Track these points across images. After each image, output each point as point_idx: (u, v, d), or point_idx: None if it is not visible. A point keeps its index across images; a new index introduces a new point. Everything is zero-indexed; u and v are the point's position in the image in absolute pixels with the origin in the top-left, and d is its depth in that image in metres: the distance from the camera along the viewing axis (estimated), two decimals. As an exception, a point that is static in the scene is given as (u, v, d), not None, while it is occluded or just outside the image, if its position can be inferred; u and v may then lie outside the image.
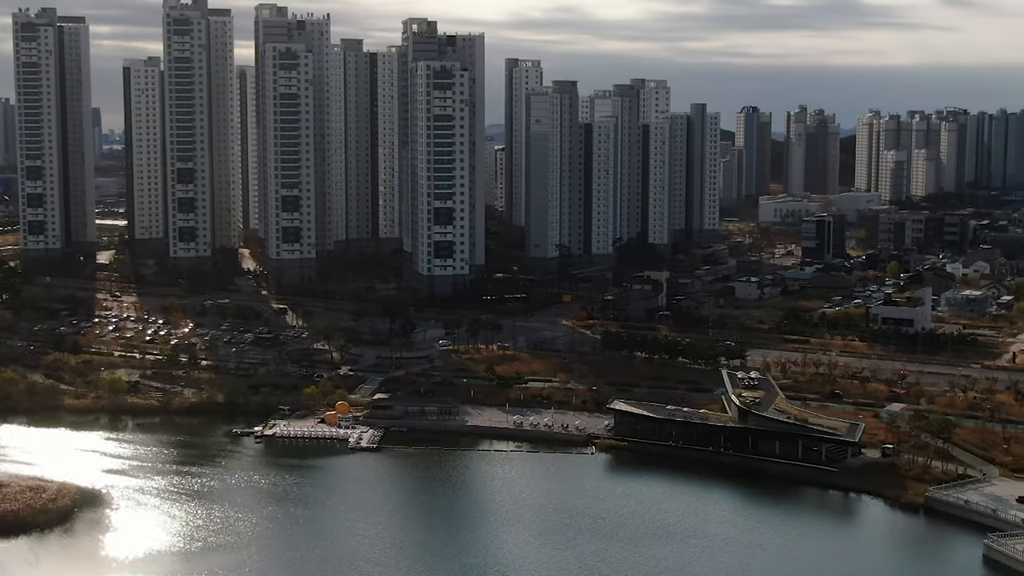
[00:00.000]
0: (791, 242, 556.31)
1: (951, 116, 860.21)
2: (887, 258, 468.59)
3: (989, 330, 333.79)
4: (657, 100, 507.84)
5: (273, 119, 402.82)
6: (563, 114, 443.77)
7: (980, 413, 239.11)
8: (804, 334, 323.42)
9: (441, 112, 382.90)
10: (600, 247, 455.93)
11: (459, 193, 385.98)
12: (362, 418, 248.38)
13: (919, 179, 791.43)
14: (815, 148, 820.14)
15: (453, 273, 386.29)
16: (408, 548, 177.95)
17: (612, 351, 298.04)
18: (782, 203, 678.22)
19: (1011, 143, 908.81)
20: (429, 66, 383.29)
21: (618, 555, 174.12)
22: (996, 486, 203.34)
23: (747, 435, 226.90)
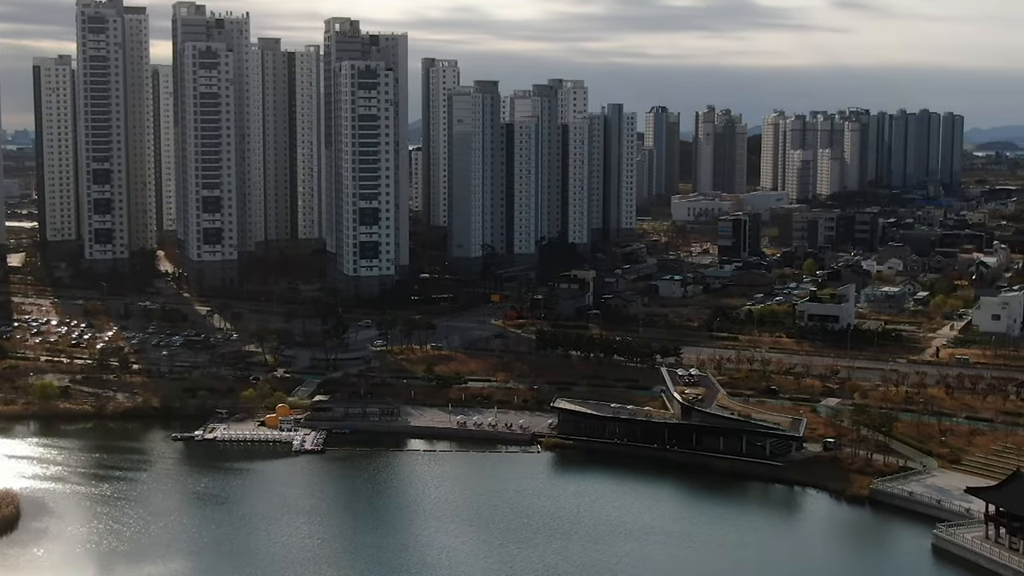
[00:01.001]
0: (706, 240, 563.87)
1: (853, 116, 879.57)
2: (803, 256, 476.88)
3: (909, 325, 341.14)
4: (575, 100, 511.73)
5: (193, 119, 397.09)
6: (485, 114, 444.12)
7: (914, 407, 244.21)
8: (732, 331, 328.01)
9: (366, 112, 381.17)
10: (522, 246, 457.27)
11: (385, 193, 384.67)
12: (303, 420, 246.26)
13: (824, 178, 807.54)
14: (723, 148, 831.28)
15: (380, 274, 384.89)
16: (367, 550, 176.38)
17: (547, 350, 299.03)
18: (695, 202, 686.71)
19: (910, 143, 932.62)
20: (354, 66, 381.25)
21: (580, 553, 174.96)
22: (937, 477, 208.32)
23: (691, 431, 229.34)
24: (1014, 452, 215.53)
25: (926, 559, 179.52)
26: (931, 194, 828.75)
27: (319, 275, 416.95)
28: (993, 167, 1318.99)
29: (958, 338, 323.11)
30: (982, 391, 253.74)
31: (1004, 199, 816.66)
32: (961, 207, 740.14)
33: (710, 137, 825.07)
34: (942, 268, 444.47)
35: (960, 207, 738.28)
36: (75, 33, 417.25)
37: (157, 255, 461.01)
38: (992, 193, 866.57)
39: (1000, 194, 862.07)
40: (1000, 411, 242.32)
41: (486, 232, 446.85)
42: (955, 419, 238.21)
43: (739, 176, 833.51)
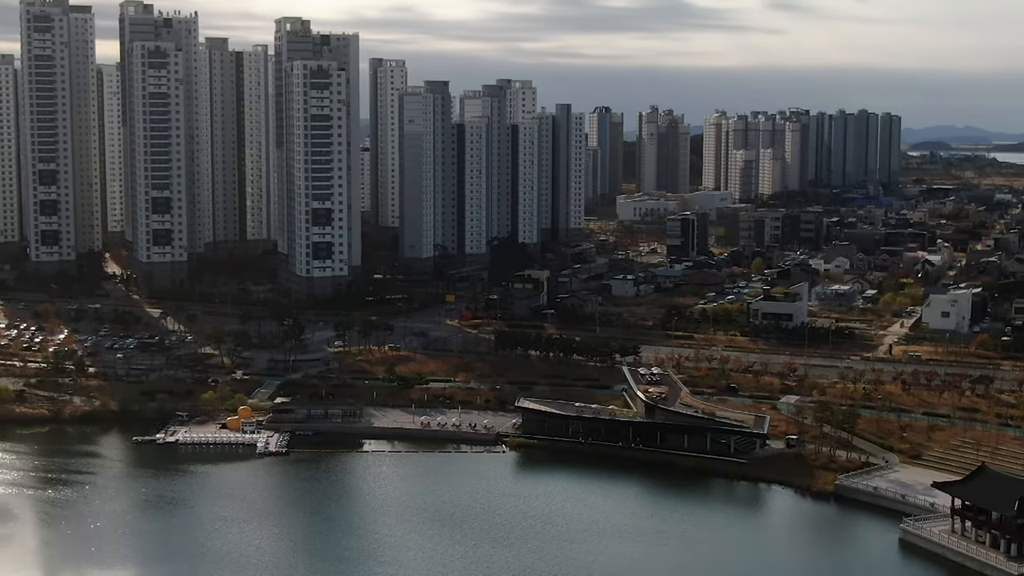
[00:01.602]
0: (654, 240, 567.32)
1: (794, 117, 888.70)
2: (751, 255, 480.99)
3: (860, 323, 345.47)
4: (523, 101, 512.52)
5: (142, 119, 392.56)
6: (436, 114, 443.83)
7: (872, 403, 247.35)
8: (687, 330, 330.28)
9: (319, 112, 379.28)
10: (473, 247, 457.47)
11: (338, 194, 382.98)
12: (265, 423, 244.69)
13: (766, 178, 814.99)
14: (666, 148, 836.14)
15: (333, 274, 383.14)
16: (342, 553, 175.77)
17: (506, 350, 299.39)
18: (640, 202, 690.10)
19: (849, 143, 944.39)
20: (306, 66, 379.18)
21: (556, 553, 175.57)
22: (899, 472, 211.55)
23: (655, 430, 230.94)
24: (973, 447, 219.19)
25: (894, 553, 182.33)
26: (871, 193, 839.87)
27: (270, 276, 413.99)
28: (928, 167, 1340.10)
29: (909, 335, 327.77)
30: (937, 387, 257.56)
31: (942, 198, 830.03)
32: (901, 206, 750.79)
33: (654, 137, 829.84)
34: (888, 266, 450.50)
35: (900, 206, 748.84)
36: (19, 32, 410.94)
37: (104, 257, 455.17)
38: (930, 192, 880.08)
39: (937, 193, 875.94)
40: (956, 407, 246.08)
41: (438, 232, 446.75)
42: (913, 415, 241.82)
43: (682, 176, 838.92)
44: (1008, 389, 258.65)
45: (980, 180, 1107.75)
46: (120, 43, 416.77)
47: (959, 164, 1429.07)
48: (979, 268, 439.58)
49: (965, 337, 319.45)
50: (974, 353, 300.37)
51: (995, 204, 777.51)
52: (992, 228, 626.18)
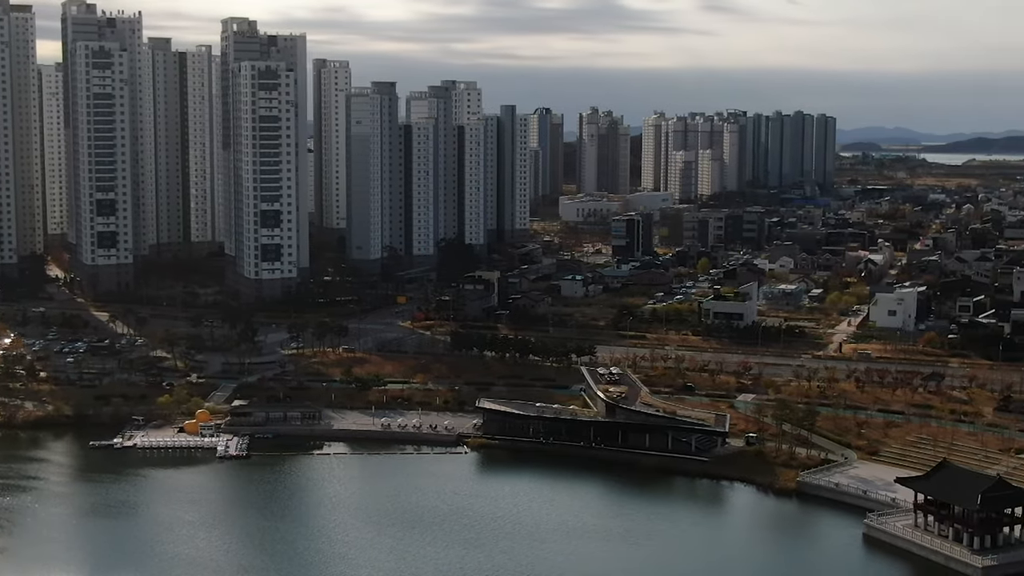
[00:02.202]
0: (598, 240, 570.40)
1: (732, 118, 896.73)
2: (696, 255, 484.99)
3: (808, 322, 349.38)
4: (469, 102, 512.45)
5: (86, 120, 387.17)
6: (383, 115, 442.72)
7: (828, 401, 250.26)
8: (639, 330, 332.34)
9: (267, 113, 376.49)
10: (421, 248, 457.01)
11: (286, 195, 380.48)
12: (224, 426, 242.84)
13: (705, 178, 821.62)
14: (606, 149, 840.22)
15: (282, 276, 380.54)
16: (312, 556, 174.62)
17: (462, 351, 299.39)
18: (583, 203, 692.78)
19: (786, 144, 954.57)
20: (254, 66, 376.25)
21: (527, 553, 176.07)
22: (858, 469, 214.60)
23: (616, 429, 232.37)
24: (929, 443, 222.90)
25: (858, 548, 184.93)
26: (808, 194, 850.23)
27: (216, 278, 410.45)
28: (861, 167, 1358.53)
29: (857, 334, 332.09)
30: (891, 385, 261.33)
31: (877, 198, 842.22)
32: (839, 206, 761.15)
33: (594, 138, 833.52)
34: (831, 266, 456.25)
35: (838, 206, 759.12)
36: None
37: (46, 260, 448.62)
38: (865, 192, 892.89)
39: (873, 193, 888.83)
40: (910, 403, 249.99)
41: (385, 234, 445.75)
42: (868, 412, 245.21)
43: (622, 177, 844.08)
44: (959, 386, 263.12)
45: (913, 180, 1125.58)
46: (63, 43, 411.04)
47: (891, 165, 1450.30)
48: (920, 267, 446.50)
49: (911, 335, 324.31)
50: (922, 351, 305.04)
51: (930, 204, 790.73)
52: (929, 228, 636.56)
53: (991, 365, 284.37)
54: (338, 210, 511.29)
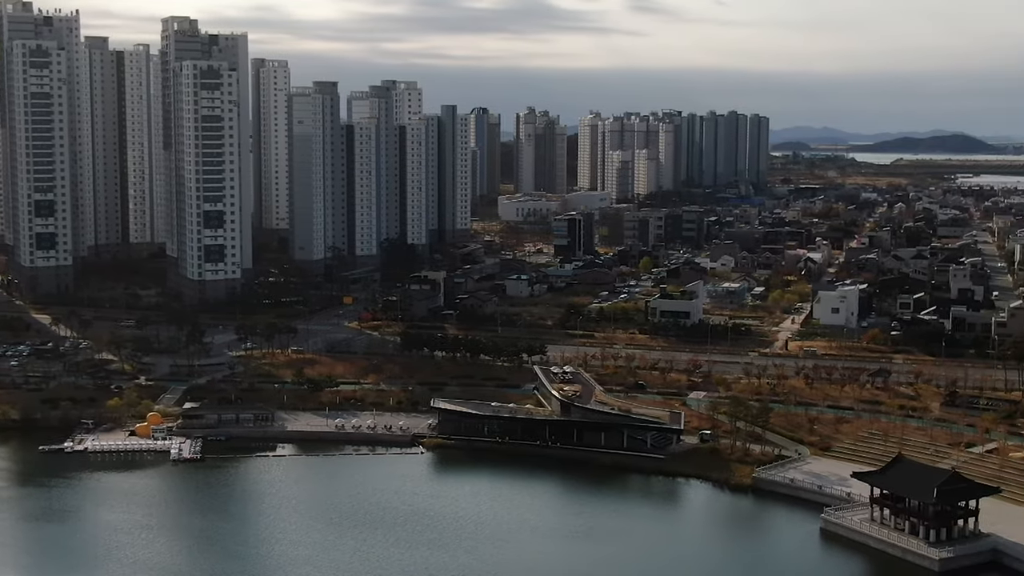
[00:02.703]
0: (538, 240, 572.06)
1: (667, 118, 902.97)
2: (638, 254, 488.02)
3: (752, 320, 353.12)
4: (410, 102, 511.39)
5: (24, 120, 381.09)
6: (325, 115, 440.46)
7: (779, 398, 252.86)
8: (587, 329, 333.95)
9: (209, 113, 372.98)
10: (364, 248, 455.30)
11: (229, 196, 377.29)
12: (176, 429, 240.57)
13: (641, 178, 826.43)
14: (543, 149, 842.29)
15: (226, 277, 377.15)
16: (276, 560, 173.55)
17: (412, 351, 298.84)
18: (523, 202, 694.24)
19: (720, 143, 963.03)
20: (196, 66, 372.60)
21: (492, 554, 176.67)
22: (812, 464, 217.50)
23: (572, 428, 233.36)
24: (880, 438, 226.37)
25: (815, 542, 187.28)
26: (743, 193, 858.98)
27: (158, 280, 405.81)
28: (792, 167, 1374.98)
29: (801, 331, 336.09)
30: (839, 381, 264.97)
31: (810, 197, 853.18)
32: (774, 205, 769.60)
33: (531, 138, 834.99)
34: (771, 264, 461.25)
35: (773, 205, 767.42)
36: None
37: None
38: (799, 192, 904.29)
39: (806, 192, 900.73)
40: (858, 400, 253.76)
41: (328, 234, 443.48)
42: (819, 408, 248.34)
43: (559, 176, 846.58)
44: (906, 382, 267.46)
45: (844, 180, 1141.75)
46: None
47: (821, 164, 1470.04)
48: (858, 265, 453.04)
49: (854, 332, 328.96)
50: (866, 347, 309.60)
51: (862, 203, 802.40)
52: (863, 226, 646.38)
53: (935, 361, 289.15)
54: (277, 211, 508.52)
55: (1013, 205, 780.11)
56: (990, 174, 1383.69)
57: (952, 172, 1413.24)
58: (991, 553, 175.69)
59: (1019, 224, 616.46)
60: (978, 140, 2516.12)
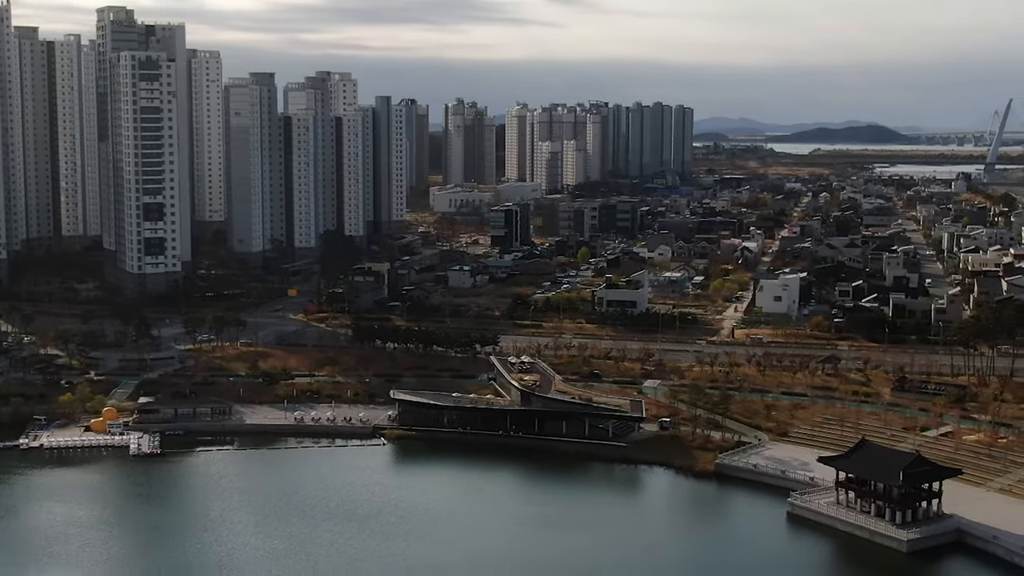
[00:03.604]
0: (473, 231, 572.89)
1: (594, 109, 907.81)
2: (575, 244, 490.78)
3: (695, 308, 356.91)
4: (344, 93, 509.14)
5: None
6: (262, 106, 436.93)
7: (734, 385, 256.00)
8: (534, 319, 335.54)
9: (148, 104, 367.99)
10: (303, 240, 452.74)
11: (169, 188, 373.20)
12: (132, 423, 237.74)
13: (569, 168, 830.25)
14: (472, 140, 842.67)
15: (166, 270, 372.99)
16: (256, 553, 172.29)
17: (363, 343, 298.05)
18: (456, 193, 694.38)
19: (646, 134, 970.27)
20: (134, 56, 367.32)
21: (469, 544, 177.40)
22: (772, 450, 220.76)
23: (532, 417, 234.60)
24: (836, 423, 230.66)
25: (782, 526, 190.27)
26: (670, 183, 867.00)
27: (94, 273, 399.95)
28: (714, 157, 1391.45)
29: (745, 319, 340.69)
30: (791, 368, 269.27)
31: (736, 187, 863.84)
32: (702, 195, 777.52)
33: (460, 129, 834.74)
34: (707, 254, 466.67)
35: (701, 195, 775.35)
36: None
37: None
38: (724, 182, 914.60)
39: (731, 182, 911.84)
40: (811, 386, 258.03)
41: (266, 226, 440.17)
42: (773, 395, 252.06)
43: (488, 167, 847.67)
44: (855, 368, 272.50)
45: (765, 170, 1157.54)
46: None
47: (741, 154, 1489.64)
48: (793, 254, 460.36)
49: (796, 320, 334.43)
50: (811, 335, 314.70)
51: (788, 193, 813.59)
52: (791, 216, 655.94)
53: (879, 347, 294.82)
54: (211, 203, 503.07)
55: (934, 194, 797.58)
56: (906, 164, 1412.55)
57: (869, 162, 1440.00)
58: (955, 534, 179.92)
59: (943, 213, 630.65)
60: (891, 130, 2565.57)
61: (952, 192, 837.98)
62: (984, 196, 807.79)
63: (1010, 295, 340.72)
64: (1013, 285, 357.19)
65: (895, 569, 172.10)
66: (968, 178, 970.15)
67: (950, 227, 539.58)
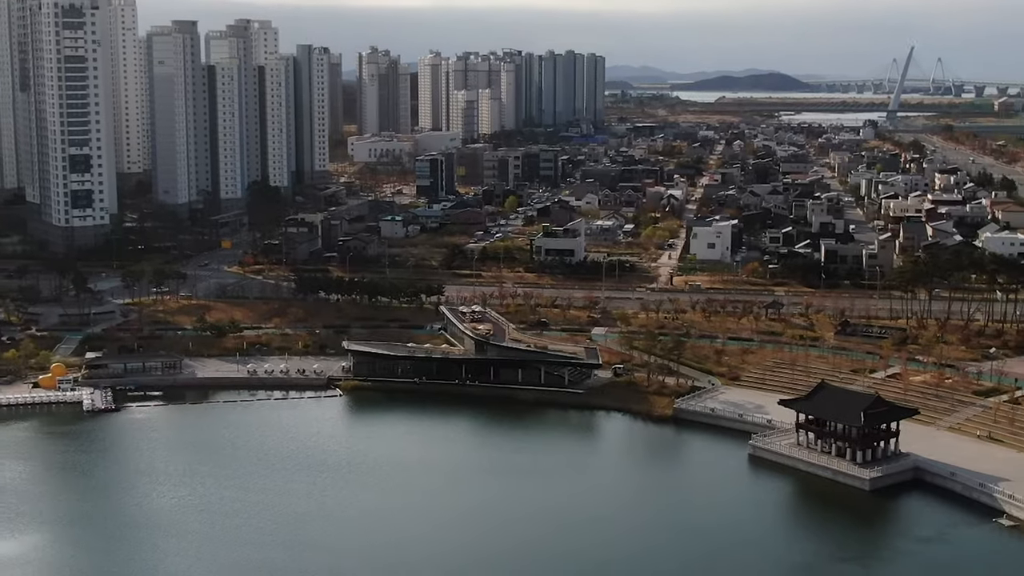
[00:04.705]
0: (396, 180, 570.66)
1: (508, 57, 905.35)
2: (502, 194, 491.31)
3: (630, 256, 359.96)
4: (266, 42, 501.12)
5: None
6: (186, 55, 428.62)
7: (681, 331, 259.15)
8: (472, 268, 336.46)
9: (73, 53, 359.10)
10: (229, 191, 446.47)
11: (95, 139, 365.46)
12: (81, 379, 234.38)
13: (485, 117, 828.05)
14: (386, 89, 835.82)
15: (94, 223, 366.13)
16: (235, 506, 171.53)
17: (307, 295, 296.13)
18: (375, 143, 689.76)
19: (559, 83, 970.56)
20: (57, 3, 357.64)
21: (448, 492, 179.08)
22: (726, 394, 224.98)
23: (488, 366, 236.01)
24: (786, 366, 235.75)
25: (744, 468, 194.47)
26: (585, 132, 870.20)
27: (17, 227, 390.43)
28: (623, 105, 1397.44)
29: (681, 266, 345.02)
30: (736, 313, 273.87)
31: (648, 135, 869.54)
32: (617, 144, 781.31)
33: (375, 79, 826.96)
34: (634, 202, 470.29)
35: (617, 144, 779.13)
36: None
37: None
38: (637, 130, 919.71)
39: (643, 131, 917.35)
40: (756, 331, 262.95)
41: (192, 178, 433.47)
42: (721, 341, 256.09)
43: (404, 117, 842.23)
44: (797, 313, 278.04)
45: (675, 117, 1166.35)
46: None
47: (649, 103, 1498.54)
48: (718, 201, 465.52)
49: (729, 266, 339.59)
50: (747, 281, 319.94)
51: (703, 141, 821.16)
52: (709, 164, 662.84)
53: (814, 293, 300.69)
54: (129, 154, 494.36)
55: (844, 142, 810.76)
56: (810, 111, 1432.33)
57: (774, 110, 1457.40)
58: (913, 471, 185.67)
59: (857, 160, 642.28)
60: (793, 78, 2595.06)
61: (860, 139, 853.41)
62: (893, 143, 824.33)
63: (936, 240, 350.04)
64: (938, 230, 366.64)
65: (860, 506, 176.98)
66: (875, 125, 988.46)
67: (866, 174, 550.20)
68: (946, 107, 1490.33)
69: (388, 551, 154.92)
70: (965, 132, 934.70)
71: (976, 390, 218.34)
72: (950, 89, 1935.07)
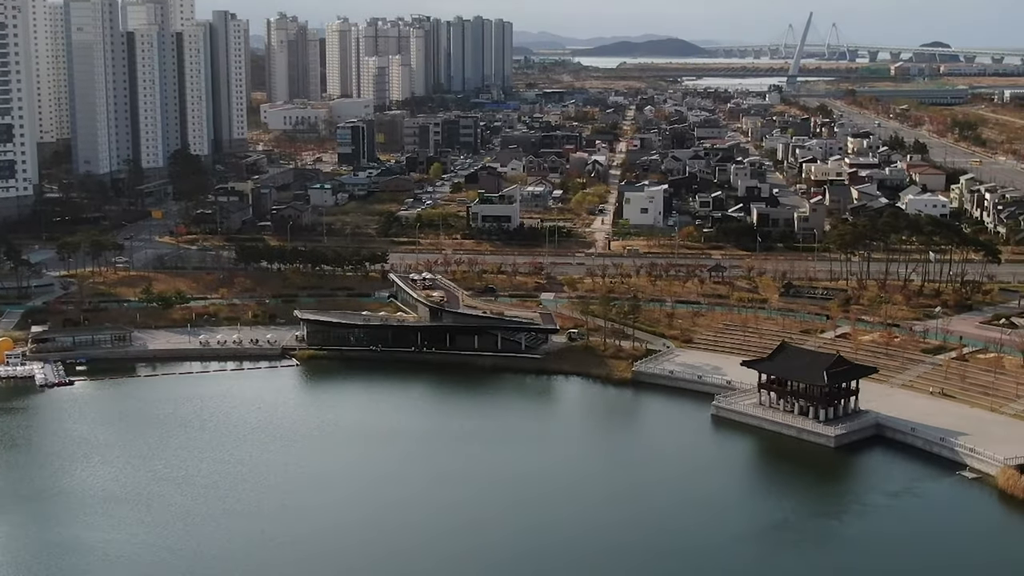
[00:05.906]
0: (312, 148, 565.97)
1: (417, 23, 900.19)
2: (425, 161, 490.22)
3: (563, 222, 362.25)
4: (182, 8, 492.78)
5: None
6: (105, 22, 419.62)
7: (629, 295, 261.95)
8: (408, 235, 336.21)
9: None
10: (150, 160, 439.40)
11: (17, 108, 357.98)
12: (29, 353, 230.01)
13: (395, 84, 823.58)
14: (295, 56, 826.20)
15: (17, 195, 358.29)
16: (217, 478, 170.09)
17: (248, 265, 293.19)
18: (289, 111, 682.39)
19: (467, 49, 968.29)
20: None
21: (430, 456, 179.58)
22: (681, 356, 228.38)
23: (443, 332, 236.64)
24: (738, 328, 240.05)
25: (708, 428, 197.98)
26: (495, 98, 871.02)
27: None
28: (527, 71, 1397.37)
29: (615, 231, 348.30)
30: (681, 277, 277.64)
31: (559, 101, 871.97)
32: (530, 110, 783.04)
33: (284, 45, 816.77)
34: (558, 168, 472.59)
35: (530, 110, 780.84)
36: None
37: None
38: (547, 96, 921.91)
39: (553, 97, 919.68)
40: (701, 294, 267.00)
41: (113, 147, 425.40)
42: (668, 304, 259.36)
43: (313, 84, 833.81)
44: (740, 276, 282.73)
45: (581, 83, 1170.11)
46: None
47: (553, 68, 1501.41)
48: (642, 166, 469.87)
49: (662, 231, 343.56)
50: (684, 244, 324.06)
51: (615, 107, 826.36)
52: (624, 129, 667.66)
53: (750, 256, 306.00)
54: (42, 123, 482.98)
55: (753, 107, 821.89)
56: (712, 77, 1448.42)
57: (676, 75, 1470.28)
58: (875, 428, 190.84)
59: (769, 125, 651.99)
60: (691, 44, 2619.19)
61: (767, 104, 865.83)
62: (799, 108, 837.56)
63: (862, 203, 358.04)
64: (863, 193, 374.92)
65: (826, 463, 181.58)
66: (780, 90, 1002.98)
67: (781, 138, 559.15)
68: (844, 72, 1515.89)
69: (387, 512, 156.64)
70: (867, 97, 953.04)
71: (924, 348, 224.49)
72: (844, 54, 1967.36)
